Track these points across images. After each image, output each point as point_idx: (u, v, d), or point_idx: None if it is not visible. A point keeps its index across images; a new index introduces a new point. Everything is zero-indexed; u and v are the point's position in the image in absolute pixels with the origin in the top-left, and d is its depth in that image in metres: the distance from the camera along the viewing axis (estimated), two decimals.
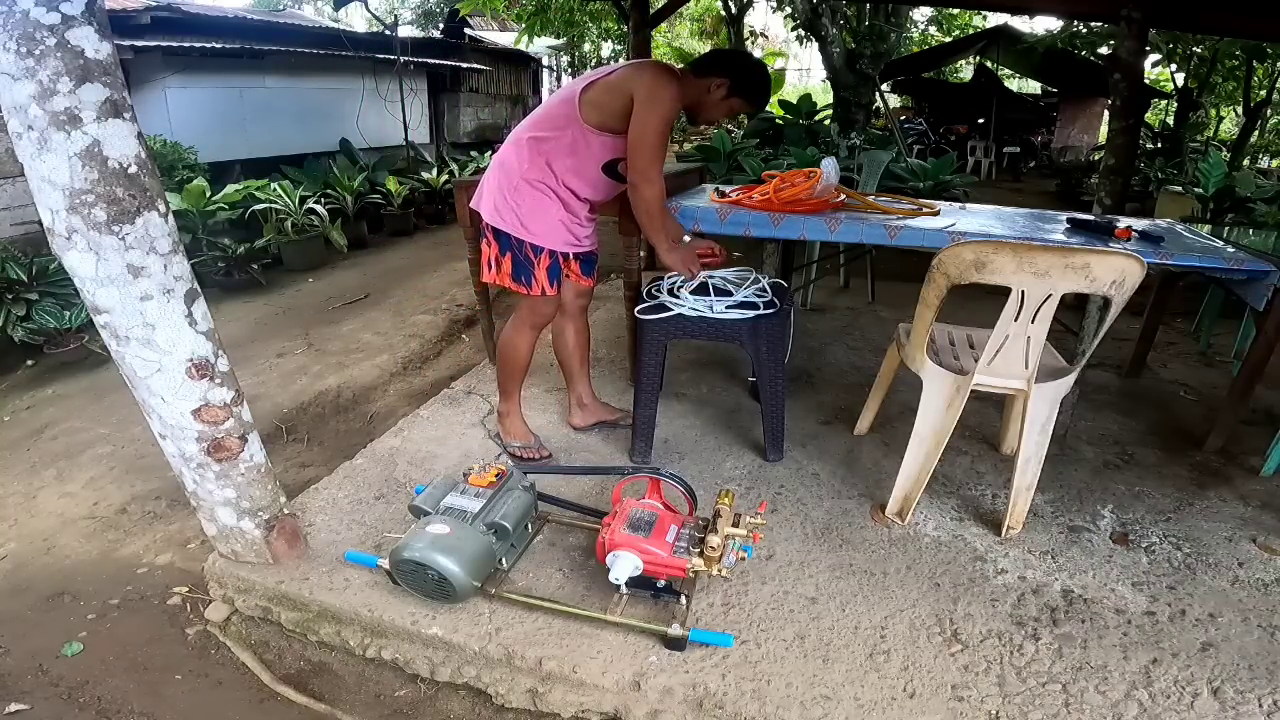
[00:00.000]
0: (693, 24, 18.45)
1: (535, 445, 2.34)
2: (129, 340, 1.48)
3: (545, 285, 2.12)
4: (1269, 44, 8.44)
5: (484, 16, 14.77)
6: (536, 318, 2.22)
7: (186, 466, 1.67)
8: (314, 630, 1.77)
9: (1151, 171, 8.08)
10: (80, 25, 1.26)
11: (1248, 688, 1.48)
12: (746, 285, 2.23)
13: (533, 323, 2.23)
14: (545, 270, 2.10)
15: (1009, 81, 15.45)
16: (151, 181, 1.42)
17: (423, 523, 1.63)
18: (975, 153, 11.68)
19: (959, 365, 2.00)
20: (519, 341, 2.25)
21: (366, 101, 8.07)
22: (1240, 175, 6.05)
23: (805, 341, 3.46)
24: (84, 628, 1.84)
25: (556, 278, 2.15)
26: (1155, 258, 2.13)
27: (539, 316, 2.22)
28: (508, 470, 1.80)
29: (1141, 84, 4.11)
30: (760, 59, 2.13)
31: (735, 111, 2.12)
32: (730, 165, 6.13)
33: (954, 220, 2.42)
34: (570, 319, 2.36)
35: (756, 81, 2.07)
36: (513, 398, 2.35)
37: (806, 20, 9.27)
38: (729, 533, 1.57)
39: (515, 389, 2.35)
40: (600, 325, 3.69)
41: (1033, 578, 1.81)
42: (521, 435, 2.36)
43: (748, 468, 2.30)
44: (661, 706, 1.47)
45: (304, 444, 2.84)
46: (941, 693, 1.47)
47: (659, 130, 1.94)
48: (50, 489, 2.52)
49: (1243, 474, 2.32)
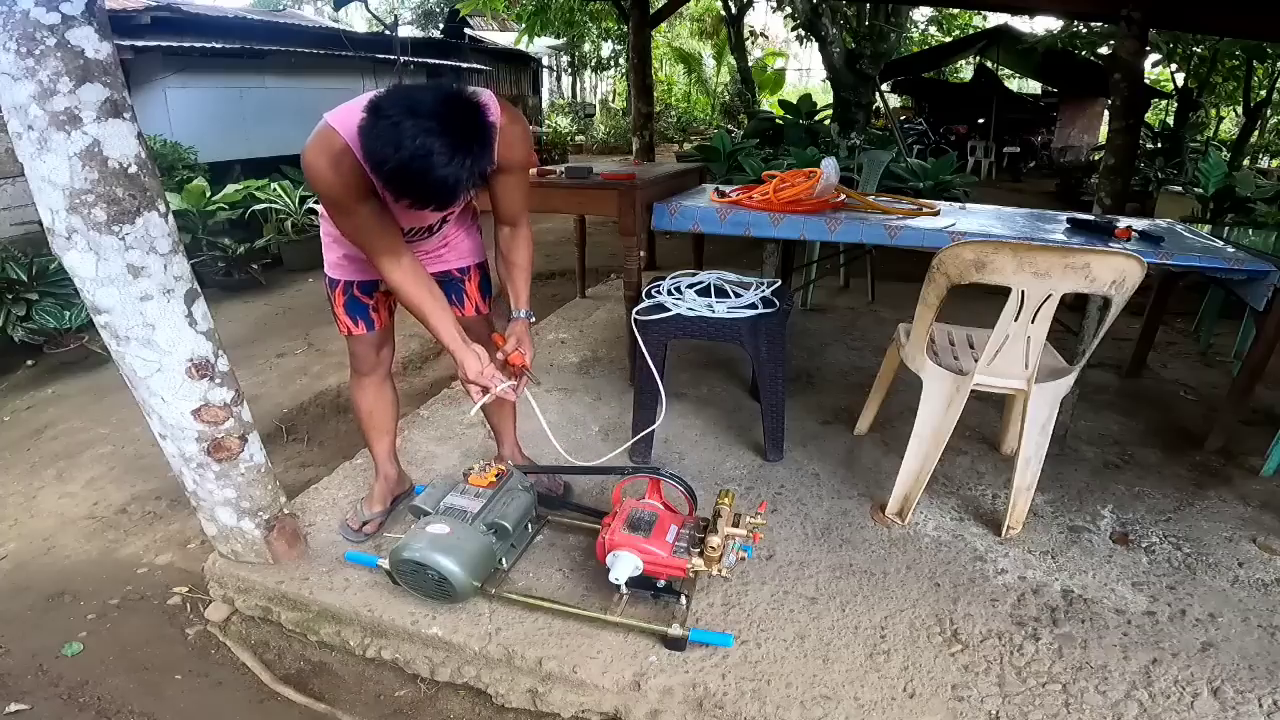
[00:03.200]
0: (693, 24, 18.44)
1: (376, 517, 1.96)
2: (129, 340, 1.48)
3: (349, 324, 1.80)
4: (1269, 44, 8.43)
5: (484, 16, 14.79)
6: (355, 361, 1.88)
7: (186, 466, 1.67)
8: (314, 630, 1.77)
9: (1151, 171, 8.08)
10: (80, 25, 1.26)
11: (1248, 688, 1.48)
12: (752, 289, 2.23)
13: (354, 367, 1.89)
14: (342, 306, 1.79)
15: (1009, 81, 15.44)
16: (151, 181, 1.42)
17: (423, 523, 1.63)
18: (975, 153, 11.67)
19: (959, 365, 2.00)
20: (351, 393, 1.95)
21: None
22: (1240, 175, 6.04)
23: (805, 341, 3.46)
24: (84, 628, 1.84)
25: (359, 313, 1.79)
26: (1155, 258, 2.13)
27: (356, 360, 1.87)
28: (508, 470, 1.80)
29: (1141, 84, 4.11)
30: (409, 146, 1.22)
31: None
32: (730, 165, 6.12)
33: (954, 220, 2.42)
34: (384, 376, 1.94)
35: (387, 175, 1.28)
36: (375, 457, 2.01)
37: (806, 20, 9.27)
38: (729, 533, 1.57)
39: (371, 450, 2.01)
40: (600, 325, 3.69)
41: (1033, 578, 1.81)
42: (369, 504, 1.98)
43: (748, 468, 2.30)
44: (661, 706, 1.47)
45: (304, 444, 2.84)
46: (941, 693, 1.47)
47: (336, 223, 1.55)
48: (50, 489, 2.52)
49: (1243, 474, 2.32)
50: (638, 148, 6.45)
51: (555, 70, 19.51)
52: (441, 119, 1.24)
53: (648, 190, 2.59)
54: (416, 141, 1.21)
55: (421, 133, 1.21)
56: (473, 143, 1.27)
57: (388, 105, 1.25)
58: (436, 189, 1.27)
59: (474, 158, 1.27)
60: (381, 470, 2.00)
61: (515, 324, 1.77)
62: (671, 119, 17.37)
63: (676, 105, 18.86)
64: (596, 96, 20.76)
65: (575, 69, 19.64)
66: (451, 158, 1.24)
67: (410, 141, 1.21)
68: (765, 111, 11.13)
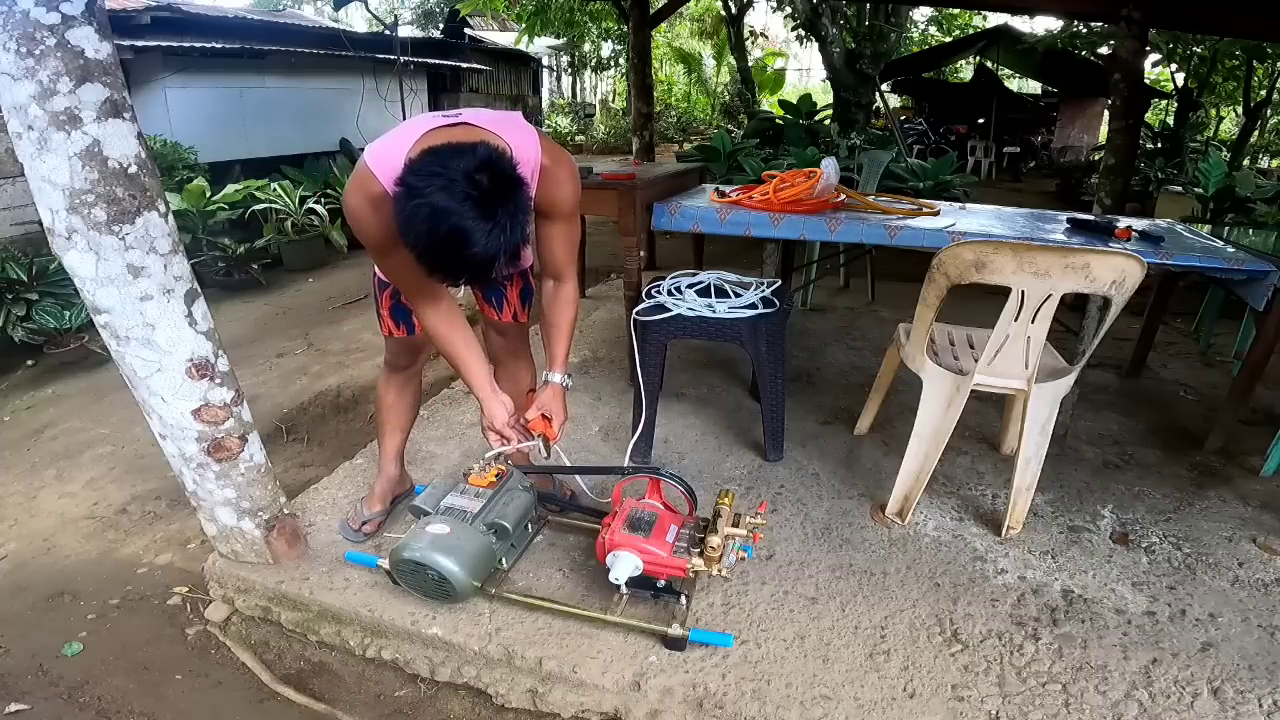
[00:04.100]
0: (693, 24, 18.44)
1: (376, 516, 1.96)
2: (129, 340, 1.48)
3: (391, 325, 1.81)
4: (1269, 44, 8.43)
5: (484, 16, 14.79)
6: (391, 358, 1.90)
7: (186, 466, 1.67)
8: (314, 630, 1.77)
9: (1151, 171, 8.07)
10: (80, 25, 1.26)
11: (1248, 688, 1.48)
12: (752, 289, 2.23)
13: (389, 363, 1.91)
14: (388, 309, 1.79)
15: (1009, 81, 15.44)
16: (151, 181, 1.42)
17: (423, 523, 1.63)
18: (975, 153, 11.67)
19: (959, 365, 2.00)
20: (379, 385, 1.95)
21: (366, 101, 8.06)
22: (1240, 175, 6.04)
23: (805, 341, 3.46)
24: (84, 628, 1.84)
25: (403, 318, 1.78)
26: (1155, 258, 2.13)
27: (392, 357, 1.89)
28: (508, 470, 1.80)
29: (1141, 84, 4.11)
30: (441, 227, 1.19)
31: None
32: (730, 165, 6.12)
33: (954, 220, 2.42)
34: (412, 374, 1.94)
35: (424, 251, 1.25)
36: (382, 452, 2.00)
37: (806, 20, 9.27)
38: (729, 533, 1.57)
39: (381, 445, 1.99)
40: (600, 325, 3.70)
41: (1033, 578, 1.81)
42: (369, 504, 1.98)
43: (748, 468, 2.30)
44: (661, 706, 1.47)
45: (304, 444, 2.84)
46: (941, 693, 1.47)
47: (376, 263, 1.58)
48: (50, 489, 2.52)
49: (1243, 474, 2.32)
50: (638, 148, 6.45)
51: (555, 70, 19.51)
52: (477, 200, 1.18)
53: (648, 190, 2.59)
54: (449, 224, 1.17)
55: (455, 215, 1.17)
56: (508, 220, 1.21)
57: (420, 182, 1.18)
58: (470, 268, 1.24)
59: (509, 235, 1.21)
60: (384, 468, 1.99)
61: (545, 389, 1.68)
62: (671, 119, 17.36)
63: (676, 105, 18.86)
64: (596, 96, 20.76)
65: (575, 69, 19.64)
66: (487, 240, 1.19)
67: (444, 225, 1.17)
68: (765, 111, 11.12)
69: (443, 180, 1.17)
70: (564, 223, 1.58)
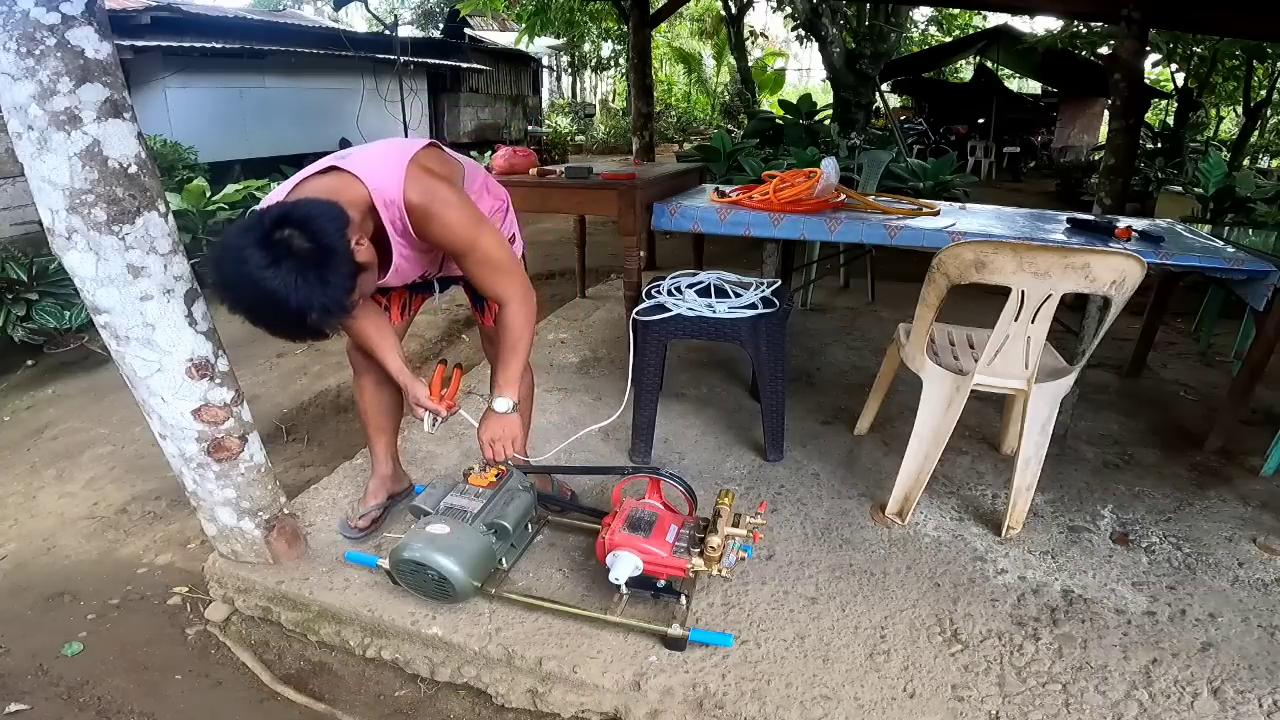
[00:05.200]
0: (693, 24, 18.45)
1: (371, 511, 1.96)
2: (129, 340, 1.48)
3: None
4: (1269, 44, 8.44)
5: (484, 16, 14.78)
6: (351, 361, 1.93)
7: (186, 466, 1.67)
8: (314, 630, 1.77)
9: (1151, 171, 8.08)
10: (80, 25, 1.26)
11: (1248, 688, 1.48)
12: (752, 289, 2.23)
13: (352, 366, 1.94)
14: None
15: (1009, 81, 15.45)
16: (151, 181, 1.42)
17: (423, 523, 1.63)
18: (975, 153, 11.67)
19: (959, 365, 2.00)
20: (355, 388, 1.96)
21: (366, 101, 8.07)
22: (1240, 175, 6.05)
23: (805, 341, 3.46)
24: (84, 628, 1.84)
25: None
26: (1155, 258, 2.13)
27: (351, 360, 1.92)
28: (507, 470, 1.80)
29: (1141, 84, 4.11)
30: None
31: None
32: (730, 165, 6.13)
33: (954, 220, 2.42)
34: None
35: None
36: (372, 454, 2.02)
37: (806, 20, 9.27)
38: (729, 533, 1.57)
39: (369, 446, 2.02)
40: (600, 325, 3.70)
41: (1033, 578, 1.81)
42: (364, 501, 1.99)
43: (748, 468, 2.30)
44: (661, 706, 1.47)
45: (304, 444, 2.84)
46: (941, 693, 1.47)
47: None
48: (50, 489, 2.52)
49: (1243, 474, 2.32)
50: (638, 148, 6.45)
51: (555, 70, 19.51)
52: (264, 267, 1.21)
53: (648, 190, 2.59)
54: (243, 294, 1.23)
55: (246, 283, 1.21)
56: (297, 280, 1.22)
57: (217, 254, 1.26)
58: (285, 331, 1.31)
59: (301, 295, 1.22)
60: (376, 468, 2.02)
61: (485, 415, 1.69)
62: (671, 119, 17.38)
63: (676, 105, 18.87)
64: (596, 96, 20.77)
65: (575, 69, 19.65)
66: (292, 300, 1.22)
67: (240, 295, 1.24)
68: (765, 111, 11.12)
69: (233, 253, 1.23)
70: (467, 255, 1.51)
